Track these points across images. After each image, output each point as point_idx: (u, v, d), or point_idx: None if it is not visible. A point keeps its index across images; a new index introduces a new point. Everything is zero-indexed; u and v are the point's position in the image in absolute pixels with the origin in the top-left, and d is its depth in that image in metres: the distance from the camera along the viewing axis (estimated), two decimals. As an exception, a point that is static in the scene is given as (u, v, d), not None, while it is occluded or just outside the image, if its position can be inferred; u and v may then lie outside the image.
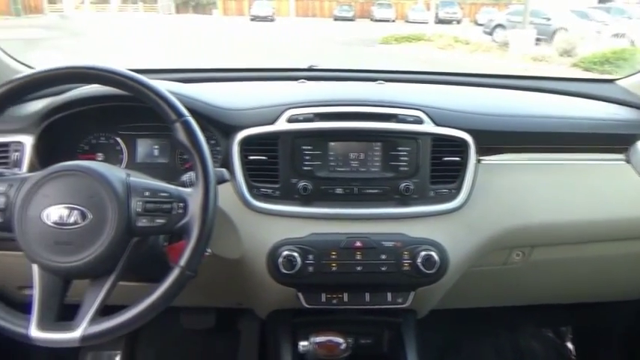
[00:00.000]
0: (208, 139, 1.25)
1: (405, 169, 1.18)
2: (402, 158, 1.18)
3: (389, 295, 1.20)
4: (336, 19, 21.91)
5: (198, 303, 1.60)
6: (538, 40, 11.56)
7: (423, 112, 1.21)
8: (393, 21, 21.89)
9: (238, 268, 1.21)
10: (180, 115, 0.92)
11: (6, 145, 1.22)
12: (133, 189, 0.91)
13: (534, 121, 1.31)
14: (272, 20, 20.80)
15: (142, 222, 0.90)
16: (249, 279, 1.22)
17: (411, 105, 1.22)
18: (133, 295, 0.93)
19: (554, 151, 1.30)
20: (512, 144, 1.28)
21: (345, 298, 1.19)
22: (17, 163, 1.22)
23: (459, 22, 20.45)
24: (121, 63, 1.03)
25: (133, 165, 1.33)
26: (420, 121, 1.19)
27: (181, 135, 0.92)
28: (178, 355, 1.86)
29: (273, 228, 1.17)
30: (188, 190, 0.93)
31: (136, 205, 0.90)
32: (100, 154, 1.33)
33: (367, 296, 1.19)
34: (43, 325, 0.87)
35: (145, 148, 1.35)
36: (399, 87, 1.50)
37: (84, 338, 0.86)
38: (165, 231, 0.93)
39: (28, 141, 1.22)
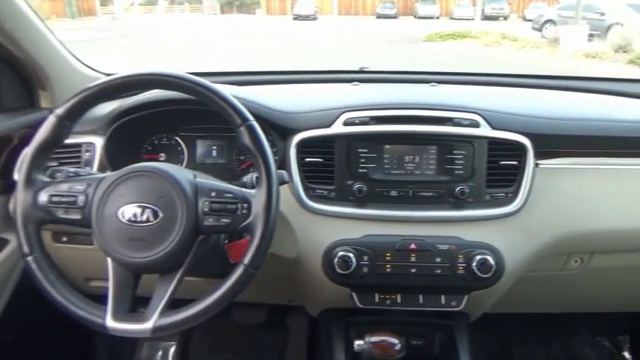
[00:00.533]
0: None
1: (461, 172, 1.18)
2: (457, 161, 1.18)
3: (442, 297, 1.20)
4: (379, 16, 21.78)
5: (251, 299, 1.64)
6: (591, 35, 11.11)
7: (480, 115, 1.20)
8: (437, 18, 21.55)
9: (293, 266, 1.24)
10: (245, 119, 0.96)
11: (78, 145, 1.30)
12: (200, 189, 0.96)
13: (594, 125, 1.28)
14: (314, 19, 20.91)
15: (209, 221, 0.94)
16: (304, 278, 1.25)
17: (467, 108, 1.22)
18: (196, 290, 0.98)
19: (614, 156, 1.27)
20: (571, 148, 1.26)
21: (399, 300, 1.20)
22: (88, 163, 1.30)
23: (505, 18, 19.92)
24: (169, 63, 1.08)
25: (192, 165, 1.40)
26: (476, 125, 1.19)
27: (246, 138, 0.96)
28: (229, 348, 1.92)
29: (328, 229, 1.20)
30: (252, 191, 0.96)
31: (203, 205, 0.94)
32: (162, 154, 1.40)
33: (421, 298, 1.20)
34: (117, 316, 0.93)
35: (204, 148, 1.41)
36: (453, 89, 1.49)
37: (155, 329, 0.92)
38: (229, 230, 0.97)
39: (98, 142, 1.30)
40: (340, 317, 1.32)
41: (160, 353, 1.87)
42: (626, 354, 1.87)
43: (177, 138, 1.41)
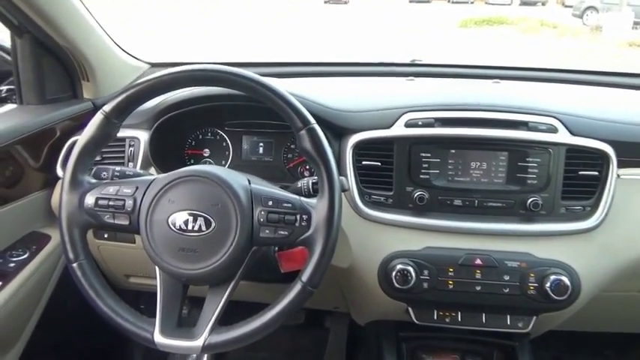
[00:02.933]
0: None
1: (534, 182, 1.08)
2: (530, 170, 1.08)
3: (508, 318, 1.10)
4: (411, 1, 21.27)
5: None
6: (636, 23, 10.59)
7: (557, 119, 1.09)
8: (472, 2, 20.93)
9: (345, 276, 1.16)
10: (306, 122, 0.87)
11: (122, 140, 1.24)
12: (255, 197, 0.88)
13: None
14: (345, 3, 20.55)
15: (265, 232, 0.87)
16: (357, 289, 1.17)
17: (544, 111, 1.10)
18: (241, 293, 0.92)
19: None
20: None
21: (459, 318, 1.11)
22: (132, 158, 1.25)
23: (544, 3, 19.21)
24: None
25: (238, 162, 1.33)
26: (554, 130, 1.08)
27: (307, 143, 0.87)
28: (266, 347, 1.86)
29: (385, 238, 1.11)
30: (312, 200, 0.88)
31: (259, 214, 0.87)
32: (206, 150, 1.34)
33: (484, 317, 1.11)
34: (165, 331, 0.87)
35: (250, 145, 1.33)
36: (522, 88, 1.37)
37: (206, 347, 0.85)
38: (287, 243, 0.89)
39: (142, 136, 1.24)
40: (391, 331, 1.24)
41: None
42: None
43: (222, 133, 1.33)
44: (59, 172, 1.25)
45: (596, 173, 1.08)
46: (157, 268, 0.90)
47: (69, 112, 1.27)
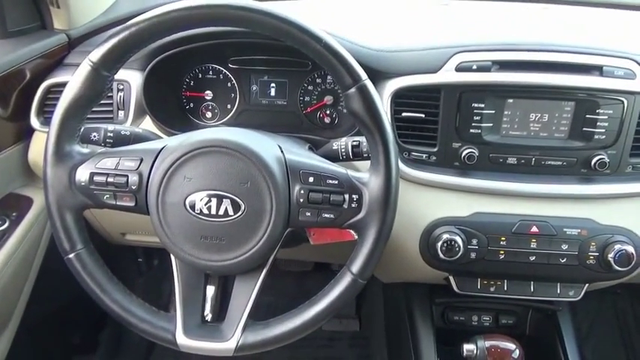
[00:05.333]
0: None
1: (602, 137, 0.93)
2: (600, 124, 0.92)
3: (558, 286, 1.01)
4: None
5: (310, 258, 1.48)
6: None
7: (637, 62, 0.91)
8: None
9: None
10: (357, 78, 0.69)
11: None
12: (292, 172, 0.72)
13: None
14: None
15: (305, 215, 0.72)
16: (392, 256, 1.05)
17: (620, 52, 0.92)
18: None
19: None
20: None
21: (505, 287, 1.01)
22: (122, 105, 1.04)
23: None
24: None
25: (246, 106, 1.13)
26: (632, 76, 0.91)
27: (357, 104, 0.69)
28: (273, 292, 1.79)
29: (428, 202, 0.97)
30: (363, 176, 0.72)
31: (299, 194, 0.71)
32: (208, 92, 1.13)
33: (532, 286, 1.01)
34: (189, 330, 0.74)
35: (260, 85, 1.12)
36: (586, 18, 1.16)
37: (239, 349, 0.73)
38: (332, 227, 0.74)
39: (134, 79, 1.03)
40: (424, 296, 1.14)
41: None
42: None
43: (226, 71, 1.12)
44: (34, 122, 1.04)
45: None
46: (172, 257, 0.75)
47: (39, 47, 1.03)
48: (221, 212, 0.70)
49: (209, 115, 1.14)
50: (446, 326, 1.18)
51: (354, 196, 0.71)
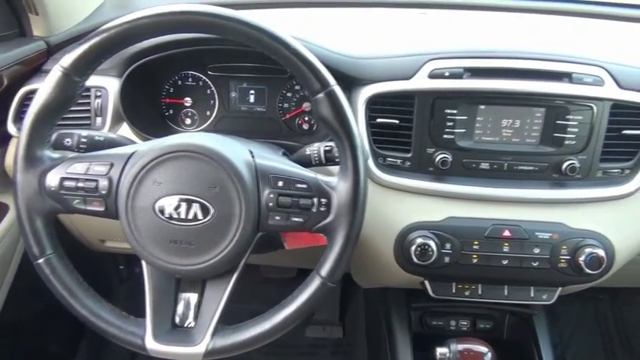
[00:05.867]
0: None
1: (572, 142, 0.94)
2: (570, 129, 0.94)
3: (532, 290, 1.02)
4: None
5: (291, 265, 1.48)
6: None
7: (605, 69, 0.93)
8: None
9: (356, 247, 1.04)
10: (325, 84, 0.70)
11: (87, 89, 1.03)
12: (262, 176, 0.72)
13: None
14: None
15: (275, 219, 0.72)
16: (368, 260, 1.05)
17: (589, 60, 0.94)
18: None
19: None
20: None
21: (480, 291, 1.02)
22: (99, 112, 1.05)
23: None
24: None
25: (225, 113, 1.14)
26: (600, 83, 0.93)
27: (325, 109, 0.71)
28: (256, 299, 1.78)
29: (402, 207, 0.98)
30: (332, 180, 0.73)
31: (268, 198, 0.72)
32: (187, 99, 1.14)
33: (506, 290, 1.02)
34: (159, 335, 0.74)
35: (238, 92, 1.13)
36: (557, 26, 1.18)
37: (208, 353, 0.74)
38: (301, 230, 0.75)
39: (111, 86, 1.03)
40: (401, 300, 1.15)
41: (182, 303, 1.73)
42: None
43: (205, 78, 1.13)
44: (11, 128, 1.04)
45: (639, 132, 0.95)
46: (143, 262, 0.75)
47: (16, 54, 1.04)
48: (190, 216, 0.70)
49: (188, 121, 1.14)
50: (424, 331, 1.18)
51: (322, 200, 0.72)
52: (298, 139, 1.09)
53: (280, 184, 0.72)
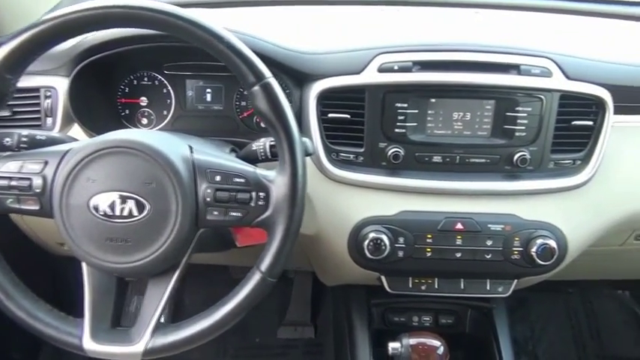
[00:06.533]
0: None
1: (522, 134, 0.95)
2: (519, 121, 0.94)
3: (488, 283, 1.02)
4: None
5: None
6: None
7: (553, 61, 0.94)
8: None
9: (311, 243, 1.03)
10: (260, 76, 0.69)
11: (36, 90, 1.01)
12: (200, 171, 0.72)
13: None
14: None
15: (213, 214, 0.72)
16: (323, 256, 1.05)
17: (537, 51, 0.95)
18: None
19: None
20: None
21: (436, 285, 1.02)
22: (50, 112, 1.03)
23: None
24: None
25: (182, 112, 1.13)
26: (548, 74, 0.93)
27: (261, 102, 0.70)
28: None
29: (355, 202, 0.97)
30: (270, 174, 0.73)
31: (205, 193, 0.71)
32: (143, 98, 1.12)
33: (462, 283, 1.02)
34: (97, 334, 0.73)
35: (195, 91, 1.12)
36: (506, 20, 1.19)
37: (147, 352, 0.72)
38: (240, 225, 0.74)
39: (61, 85, 1.01)
40: (361, 297, 1.15)
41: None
42: (649, 308, 1.78)
43: (161, 77, 1.12)
44: None
45: (590, 123, 0.96)
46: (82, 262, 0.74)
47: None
48: (125, 213, 0.69)
49: (145, 121, 1.13)
50: (386, 328, 1.18)
51: (260, 193, 0.71)
52: (256, 137, 1.07)
53: (218, 178, 0.71)
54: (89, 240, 0.70)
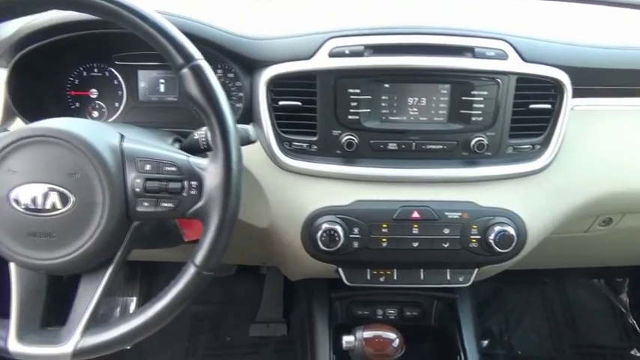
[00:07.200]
0: (225, 73, 0.99)
1: (479, 119, 0.92)
2: (476, 105, 0.91)
3: (448, 272, 0.99)
4: None
5: (229, 261, 1.43)
6: None
7: (508, 42, 0.91)
8: None
9: (266, 236, 1.00)
10: (189, 58, 0.66)
11: None
12: (129, 160, 0.68)
13: None
14: None
15: (143, 206, 0.68)
16: (279, 249, 1.02)
17: (492, 33, 0.92)
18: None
19: None
20: (613, 84, 0.98)
21: (395, 276, 0.99)
22: (-12, 107, 0.98)
23: None
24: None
25: (134, 103, 1.08)
26: (503, 56, 0.90)
27: (191, 85, 0.66)
28: (200, 300, 1.73)
29: (308, 192, 0.94)
30: (202, 162, 0.69)
31: (134, 183, 0.67)
32: (93, 90, 1.07)
33: (422, 274, 0.99)
34: (24, 336, 0.69)
35: (148, 82, 1.08)
36: (461, 2, 1.15)
37: (76, 353, 0.68)
38: (174, 217, 0.71)
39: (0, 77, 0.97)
40: (322, 291, 1.12)
41: (118, 309, 1.67)
42: (624, 296, 1.77)
43: (111, 68, 1.07)
44: None
45: (548, 106, 0.93)
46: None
47: None
48: (48, 206, 0.65)
49: (96, 114, 1.09)
50: (350, 322, 1.15)
51: (193, 182, 0.68)
52: None
53: (147, 167, 0.68)
54: (11, 235, 0.66)
